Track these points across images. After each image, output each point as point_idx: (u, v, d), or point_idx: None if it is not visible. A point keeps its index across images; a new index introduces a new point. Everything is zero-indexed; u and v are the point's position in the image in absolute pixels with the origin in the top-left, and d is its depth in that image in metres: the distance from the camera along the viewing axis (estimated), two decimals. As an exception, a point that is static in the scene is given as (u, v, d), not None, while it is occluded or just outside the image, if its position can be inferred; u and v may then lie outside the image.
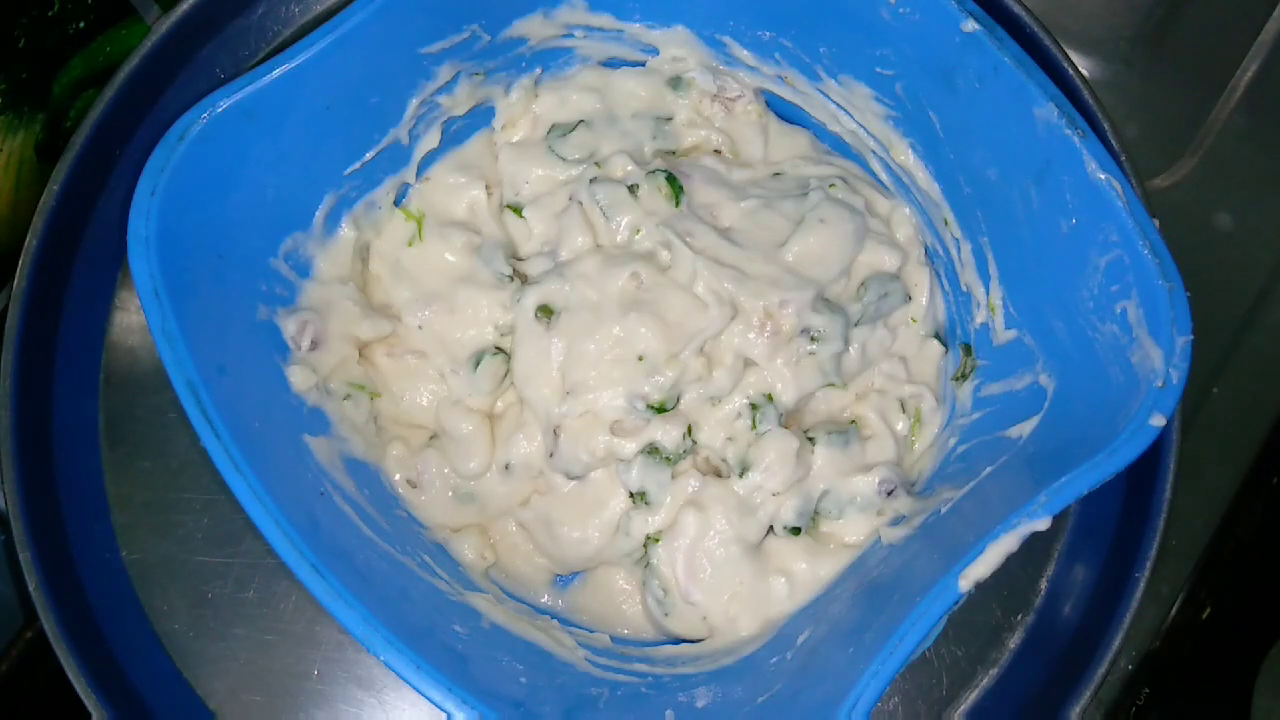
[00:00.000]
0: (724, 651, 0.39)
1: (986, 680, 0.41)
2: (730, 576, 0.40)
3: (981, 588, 0.42)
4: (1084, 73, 0.43)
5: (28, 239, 0.42)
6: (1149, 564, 0.39)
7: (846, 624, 0.36)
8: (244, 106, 0.35)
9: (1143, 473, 0.41)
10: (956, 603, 0.31)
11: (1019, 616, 0.42)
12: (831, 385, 0.42)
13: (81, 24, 0.45)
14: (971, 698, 0.41)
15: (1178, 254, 0.33)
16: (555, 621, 0.41)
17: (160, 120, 0.45)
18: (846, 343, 0.41)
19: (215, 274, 0.36)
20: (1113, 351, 0.34)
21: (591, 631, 0.41)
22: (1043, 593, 0.42)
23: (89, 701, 0.38)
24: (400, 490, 0.41)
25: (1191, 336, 0.32)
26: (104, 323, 0.44)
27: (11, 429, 0.41)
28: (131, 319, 0.44)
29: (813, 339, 0.40)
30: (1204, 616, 0.48)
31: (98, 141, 0.43)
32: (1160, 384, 0.32)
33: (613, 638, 0.41)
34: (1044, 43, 0.43)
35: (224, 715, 0.40)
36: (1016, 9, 0.43)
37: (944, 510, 0.37)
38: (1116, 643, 0.39)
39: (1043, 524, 0.31)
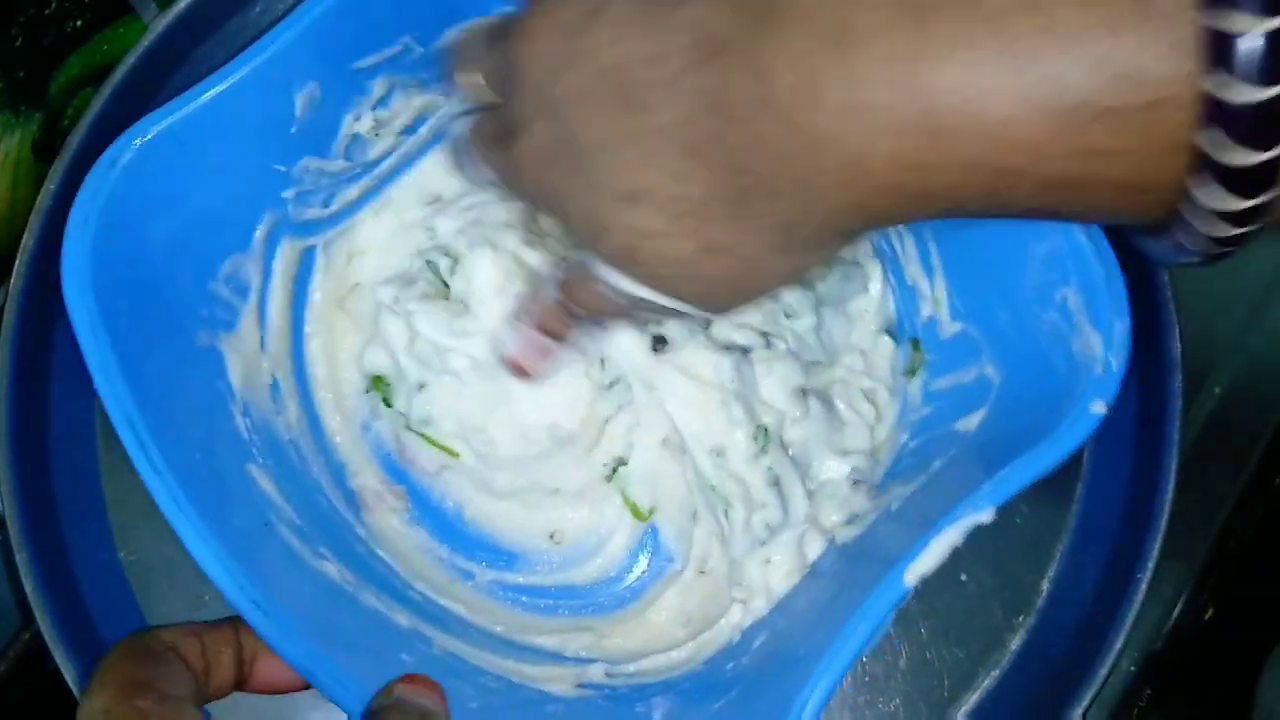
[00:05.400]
0: (683, 660, 0.39)
1: (988, 681, 0.41)
2: None
3: (982, 588, 0.42)
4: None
5: (24, 238, 0.42)
6: (1151, 565, 0.39)
7: (800, 625, 0.36)
8: (175, 132, 0.34)
9: (1145, 473, 0.41)
10: (903, 598, 0.31)
11: (1020, 618, 0.42)
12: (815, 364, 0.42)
13: (79, 22, 0.45)
14: (973, 699, 0.41)
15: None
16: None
17: (158, 119, 0.45)
18: (819, 322, 0.41)
19: (153, 301, 0.35)
20: (1055, 340, 0.34)
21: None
22: (1044, 594, 0.42)
23: (86, 703, 0.38)
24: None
25: (1130, 321, 0.32)
26: (101, 322, 0.44)
27: (8, 429, 0.40)
28: (128, 318, 0.44)
29: (786, 315, 0.41)
30: (1206, 617, 0.48)
31: (95, 140, 0.43)
32: (1100, 370, 0.32)
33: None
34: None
35: (219, 716, 0.40)
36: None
37: (894, 507, 0.37)
38: (1118, 644, 0.39)
39: (987, 516, 0.31)
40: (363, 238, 0.44)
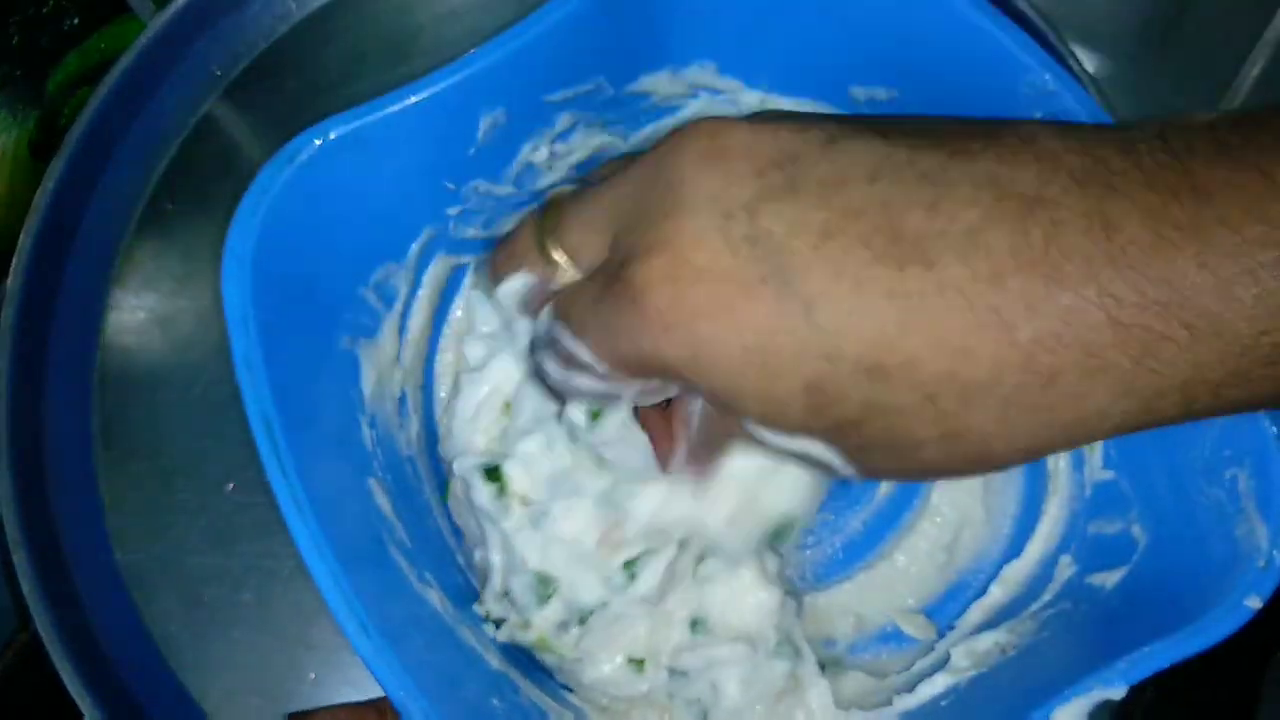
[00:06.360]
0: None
1: (990, 683, 0.41)
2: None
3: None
4: (1089, 69, 0.43)
5: (22, 238, 0.41)
6: (1154, 566, 0.39)
7: None
8: (357, 136, 0.34)
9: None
10: None
11: (1023, 619, 0.41)
12: None
13: (76, 21, 0.45)
14: (975, 701, 0.41)
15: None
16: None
17: (155, 118, 0.45)
18: None
19: (303, 299, 0.35)
20: (1215, 518, 0.32)
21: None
22: (1047, 595, 0.41)
23: (82, 703, 0.38)
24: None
25: None
26: (99, 322, 0.44)
27: (6, 429, 0.40)
28: (126, 318, 0.44)
29: None
30: (1209, 619, 0.48)
31: (92, 139, 0.43)
32: (1263, 564, 0.30)
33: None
34: (1050, 39, 0.43)
35: (219, 718, 0.40)
36: (1023, 5, 0.43)
37: (1014, 653, 0.36)
38: (1121, 645, 0.38)
39: (1118, 693, 0.30)
40: None
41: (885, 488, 0.42)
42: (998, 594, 0.40)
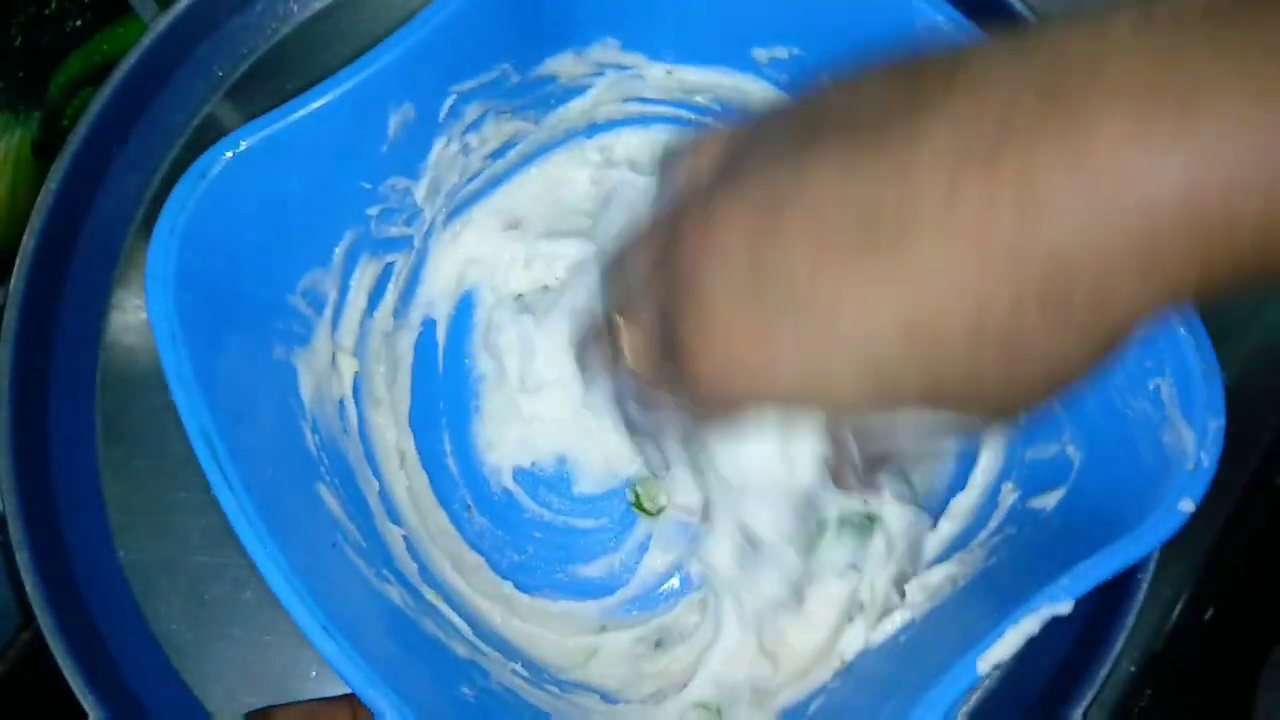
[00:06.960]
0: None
1: (989, 681, 0.41)
2: None
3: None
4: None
5: (24, 238, 0.42)
6: (1152, 564, 0.39)
7: (864, 698, 0.35)
8: (269, 144, 0.34)
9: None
10: (975, 685, 0.31)
11: (1021, 617, 0.41)
12: None
13: (78, 22, 0.45)
14: (973, 699, 0.41)
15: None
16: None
17: (158, 118, 0.45)
18: None
19: (232, 313, 0.35)
20: (1144, 429, 0.33)
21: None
22: (1045, 593, 0.42)
23: (85, 702, 0.38)
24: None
25: (1224, 421, 0.31)
26: (101, 322, 0.44)
27: (8, 429, 0.40)
28: (128, 318, 0.44)
29: None
30: (1206, 617, 0.48)
31: (95, 140, 0.43)
32: (1191, 468, 0.31)
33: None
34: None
35: (221, 715, 0.40)
36: (1019, 6, 0.43)
37: (964, 583, 0.37)
38: (1119, 644, 0.39)
39: (1065, 608, 0.30)
40: (441, 257, 0.44)
41: None
42: (947, 528, 0.41)
